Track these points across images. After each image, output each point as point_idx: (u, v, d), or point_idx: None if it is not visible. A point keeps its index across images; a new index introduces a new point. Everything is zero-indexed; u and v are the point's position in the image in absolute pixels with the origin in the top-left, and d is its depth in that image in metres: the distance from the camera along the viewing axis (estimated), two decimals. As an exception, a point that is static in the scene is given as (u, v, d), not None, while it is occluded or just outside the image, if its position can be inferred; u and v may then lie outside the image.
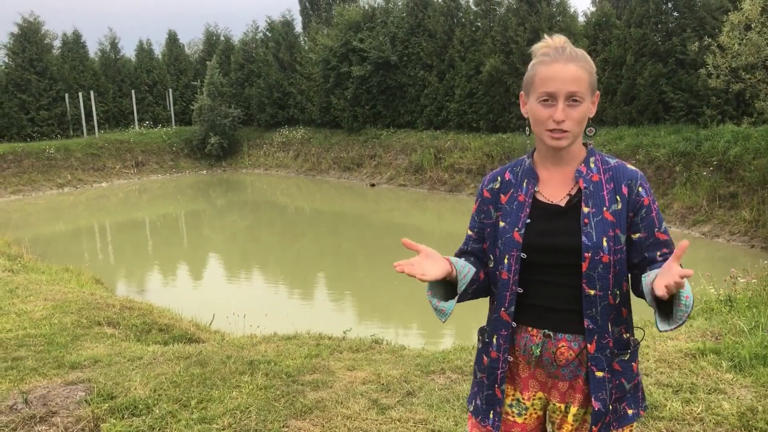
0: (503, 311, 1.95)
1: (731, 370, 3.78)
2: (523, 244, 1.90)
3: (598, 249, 1.82)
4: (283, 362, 4.33)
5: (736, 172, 13.63)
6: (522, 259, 1.90)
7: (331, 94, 25.12)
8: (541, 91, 1.85)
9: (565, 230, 1.87)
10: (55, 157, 24.48)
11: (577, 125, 1.84)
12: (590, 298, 1.83)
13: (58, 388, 3.93)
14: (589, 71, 1.85)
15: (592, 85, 1.86)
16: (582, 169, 1.91)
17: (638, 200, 1.87)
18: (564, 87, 1.81)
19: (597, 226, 1.83)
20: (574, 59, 1.84)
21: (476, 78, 20.78)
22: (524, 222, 1.91)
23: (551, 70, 1.84)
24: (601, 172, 1.90)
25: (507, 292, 1.93)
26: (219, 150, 27.58)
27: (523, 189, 1.96)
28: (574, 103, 1.82)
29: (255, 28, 30.68)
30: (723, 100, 15.62)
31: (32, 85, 26.06)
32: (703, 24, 16.55)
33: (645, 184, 1.89)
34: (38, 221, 19.17)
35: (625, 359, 1.89)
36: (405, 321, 9.31)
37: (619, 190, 1.87)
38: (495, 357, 1.99)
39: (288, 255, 14.38)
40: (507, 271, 1.92)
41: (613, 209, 1.85)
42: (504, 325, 1.95)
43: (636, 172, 1.90)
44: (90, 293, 7.05)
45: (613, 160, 1.93)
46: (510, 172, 2.03)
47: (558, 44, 1.87)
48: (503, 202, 1.99)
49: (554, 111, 1.82)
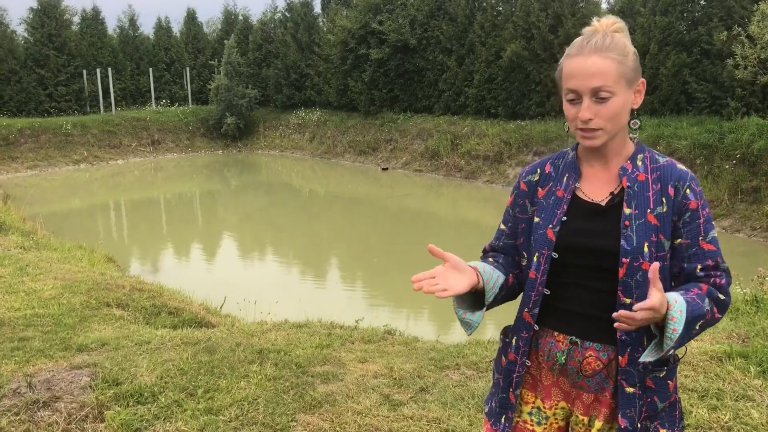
0: (526, 312, 1.82)
1: (760, 376, 3.62)
2: (556, 243, 1.75)
3: (638, 254, 1.66)
4: (293, 352, 4.22)
5: (760, 166, 13.33)
6: (553, 259, 1.76)
7: (349, 76, 24.90)
8: (566, 88, 1.71)
9: (602, 231, 1.71)
10: (71, 133, 24.51)
11: (610, 122, 1.67)
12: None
13: (62, 372, 3.84)
14: (618, 60, 1.67)
15: (624, 75, 1.67)
16: (627, 166, 1.74)
17: (684, 203, 1.69)
18: (586, 83, 1.66)
19: (639, 230, 1.67)
20: (599, 50, 1.66)
21: (496, 63, 20.48)
22: (560, 219, 1.76)
23: (572, 66, 1.69)
24: (649, 171, 1.73)
25: (533, 292, 1.80)
26: (235, 130, 27.48)
27: (563, 184, 1.81)
28: (602, 98, 1.66)
29: (274, 8, 30.54)
30: (749, 91, 15.26)
31: (50, 60, 26.07)
32: (731, 13, 16.14)
33: (695, 186, 1.71)
34: (54, 197, 19.21)
35: (660, 376, 1.73)
36: (417, 308, 9.19)
37: (666, 191, 1.70)
38: (512, 359, 1.86)
39: (301, 238, 14.29)
40: (535, 270, 1.79)
41: (658, 212, 1.69)
42: (525, 326, 1.82)
43: (686, 172, 1.72)
44: (100, 273, 6.98)
45: (663, 159, 1.75)
46: (551, 164, 1.87)
47: (593, 31, 1.71)
48: (540, 197, 1.84)
49: (580, 109, 1.67)
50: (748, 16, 14.39)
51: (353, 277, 11.27)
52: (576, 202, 1.79)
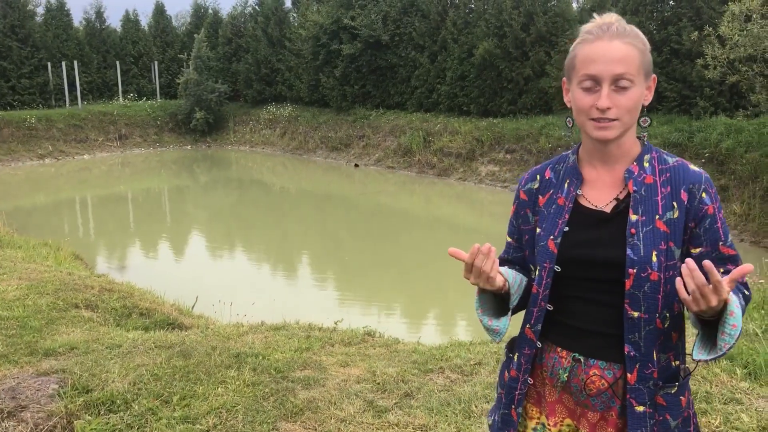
0: (528, 328, 1.72)
1: (746, 378, 3.59)
2: (558, 255, 1.64)
3: (645, 264, 1.54)
4: (271, 356, 4.09)
5: (728, 165, 13.51)
6: (555, 272, 1.65)
7: (320, 72, 24.69)
8: (583, 74, 1.57)
9: (607, 241, 1.60)
10: (36, 127, 23.90)
11: (627, 113, 1.56)
12: (633, 321, 1.57)
13: (29, 379, 3.66)
14: (641, 49, 1.57)
15: (645, 66, 1.58)
16: (633, 168, 1.62)
17: (701, 208, 1.58)
18: (608, 68, 1.54)
19: (646, 238, 1.56)
20: (621, 35, 1.56)
21: (468, 61, 20.46)
22: (561, 230, 1.65)
23: (593, 49, 1.56)
24: (657, 172, 1.61)
25: (535, 308, 1.70)
26: (204, 125, 27.07)
27: (564, 191, 1.69)
28: (622, 87, 1.54)
29: (244, 2, 30.15)
30: (717, 91, 15.48)
31: (13, 52, 25.39)
32: (699, 14, 16.33)
33: (710, 188, 1.59)
34: (18, 193, 18.71)
35: (671, 392, 1.62)
36: (393, 306, 9.10)
37: (677, 196, 1.58)
38: (514, 376, 1.77)
39: (273, 235, 14.10)
40: (537, 285, 1.68)
41: (668, 218, 1.57)
42: (528, 343, 1.72)
43: (700, 174, 1.60)
44: (68, 273, 6.74)
45: (673, 159, 1.63)
46: (551, 170, 1.75)
47: (606, 21, 1.59)
48: (541, 205, 1.73)
49: (598, 97, 1.55)
50: (717, 16, 14.56)
51: (327, 275, 11.14)
52: (578, 210, 1.67)
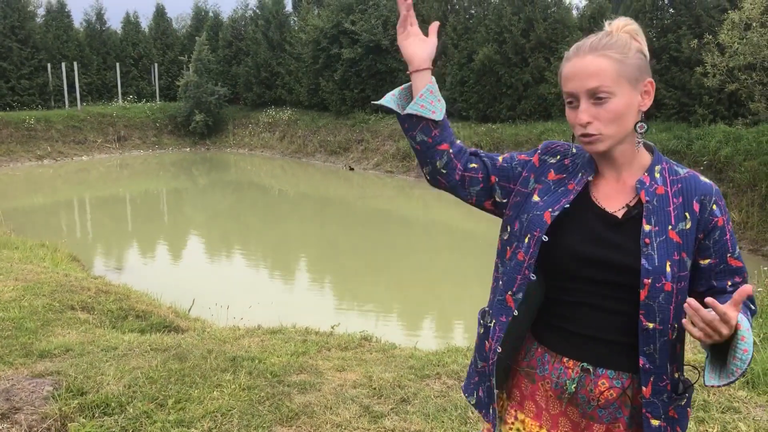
0: (510, 295, 1.67)
1: (744, 387, 3.58)
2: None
3: (660, 275, 1.53)
4: (268, 359, 4.07)
5: (726, 172, 13.52)
6: (543, 243, 1.63)
7: (320, 75, 24.71)
8: (565, 93, 1.61)
9: (621, 246, 1.58)
10: (35, 128, 23.88)
11: (610, 125, 1.55)
12: (648, 332, 1.55)
13: (23, 380, 3.64)
14: (616, 59, 1.55)
15: (625, 73, 1.56)
16: (645, 179, 1.61)
17: (711, 220, 1.57)
18: (582, 84, 1.55)
19: (660, 248, 1.54)
20: (595, 49, 1.56)
21: (468, 66, 20.49)
22: (563, 206, 1.63)
23: (569, 68, 1.59)
24: (668, 183, 1.60)
25: (518, 275, 1.66)
26: (203, 128, 27.07)
27: (576, 179, 1.68)
28: (599, 100, 1.55)
29: (245, 5, 30.28)
30: (716, 99, 15.51)
31: (13, 53, 25.38)
32: (699, 22, 16.38)
33: (720, 200, 1.60)
34: (16, 193, 18.68)
35: (682, 404, 1.63)
36: (390, 310, 9.08)
37: (690, 207, 1.58)
38: (488, 347, 1.73)
39: (270, 238, 14.08)
40: (524, 253, 1.65)
41: (680, 228, 1.56)
42: (506, 311, 1.68)
43: (710, 186, 1.60)
44: (64, 274, 6.72)
45: (683, 170, 1.63)
46: (571, 160, 1.73)
47: (589, 37, 1.61)
48: (549, 178, 1.71)
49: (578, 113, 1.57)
50: (717, 24, 14.60)
51: (324, 279, 11.12)
52: (588, 204, 1.66)
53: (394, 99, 1.78)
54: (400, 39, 1.76)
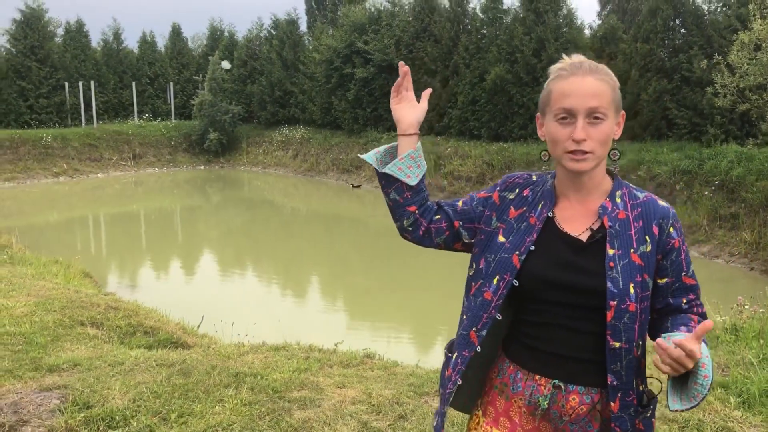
0: (474, 332, 1.74)
1: (740, 407, 3.60)
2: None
3: (624, 297, 1.61)
4: (270, 376, 4.14)
5: (738, 192, 13.48)
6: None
7: (333, 94, 24.95)
8: (558, 108, 1.65)
9: (587, 269, 1.65)
10: (51, 145, 24.26)
11: (600, 146, 1.63)
12: (615, 351, 1.62)
13: (31, 394, 3.73)
14: (612, 86, 1.66)
15: (615, 101, 1.66)
16: (607, 204, 1.69)
17: (669, 242, 1.67)
18: (583, 102, 1.62)
19: (624, 271, 1.62)
20: (594, 72, 1.65)
21: (480, 86, 20.62)
22: (528, 248, 1.70)
23: (568, 84, 1.65)
24: (629, 208, 1.69)
25: (484, 313, 1.73)
26: (218, 146, 27.37)
27: (537, 211, 1.75)
28: (596, 120, 1.62)
29: (260, 25, 30.58)
30: (727, 119, 15.49)
31: (32, 72, 25.86)
32: (710, 42, 16.41)
33: (677, 223, 1.69)
34: (32, 210, 18.96)
35: (647, 416, 1.70)
36: (398, 329, 9.13)
37: (649, 230, 1.66)
38: (448, 375, 1.81)
39: (282, 256, 14.19)
40: (493, 293, 1.72)
41: (642, 251, 1.64)
42: (468, 346, 1.75)
43: (668, 209, 1.69)
44: (75, 290, 6.84)
45: (642, 194, 1.71)
46: (531, 190, 1.80)
47: (578, 60, 1.69)
48: (511, 217, 1.77)
49: (573, 129, 1.62)
50: (728, 45, 14.63)
51: (333, 297, 11.19)
52: (552, 231, 1.73)
53: (377, 156, 1.87)
54: (392, 103, 1.88)
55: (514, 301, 1.76)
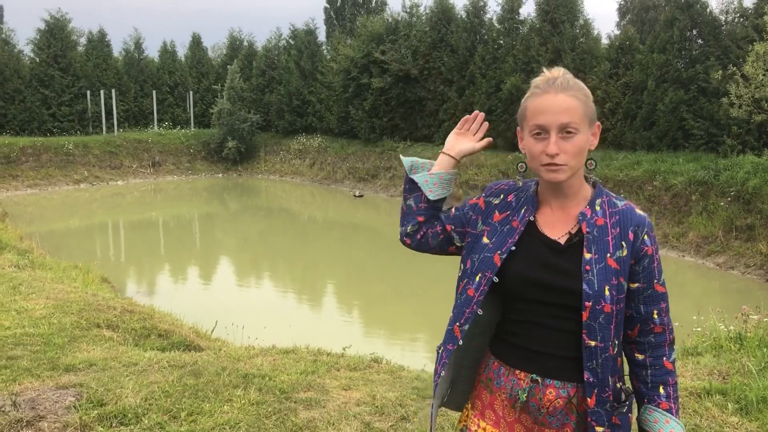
0: (457, 326, 1.87)
1: (737, 413, 3.66)
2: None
3: (599, 298, 1.71)
4: (277, 377, 4.26)
5: (755, 203, 13.41)
6: (493, 283, 1.82)
7: (350, 104, 25.16)
8: (533, 125, 1.76)
9: (565, 270, 1.76)
10: (73, 153, 24.68)
11: (574, 158, 1.74)
12: (591, 349, 1.73)
13: (48, 391, 3.87)
14: (583, 101, 1.76)
15: (588, 114, 1.76)
16: (586, 212, 1.80)
17: (642, 248, 1.77)
18: (555, 118, 1.72)
19: (599, 274, 1.72)
20: (565, 89, 1.75)
21: (496, 95, 20.71)
22: (509, 248, 1.82)
23: (541, 102, 1.76)
24: (607, 215, 1.79)
25: (467, 309, 1.85)
26: (236, 154, 27.66)
27: (519, 215, 1.87)
28: (568, 134, 1.73)
29: (278, 35, 30.88)
30: (744, 130, 15.43)
31: (55, 80, 26.34)
32: (727, 53, 16.38)
33: (651, 232, 1.79)
34: (53, 216, 19.29)
35: (623, 411, 1.80)
36: (410, 336, 9.21)
37: (626, 236, 1.76)
38: (436, 368, 1.95)
39: (298, 263, 14.33)
40: (475, 290, 1.84)
41: (618, 256, 1.75)
42: (452, 339, 1.88)
43: (644, 218, 1.79)
44: (92, 294, 7.01)
45: (621, 203, 1.82)
46: (515, 195, 1.92)
47: (552, 76, 1.79)
48: (495, 220, 1.90)
49: (547, 144, 1.73)
50: (744, 56, 14.60)
51: (347, 304, 11.30)
52: (534, 234, 1.83)
53: (414, 164, 2.07)
54: (455, 129, 2.09)
55: (502, 302, 1.88)
